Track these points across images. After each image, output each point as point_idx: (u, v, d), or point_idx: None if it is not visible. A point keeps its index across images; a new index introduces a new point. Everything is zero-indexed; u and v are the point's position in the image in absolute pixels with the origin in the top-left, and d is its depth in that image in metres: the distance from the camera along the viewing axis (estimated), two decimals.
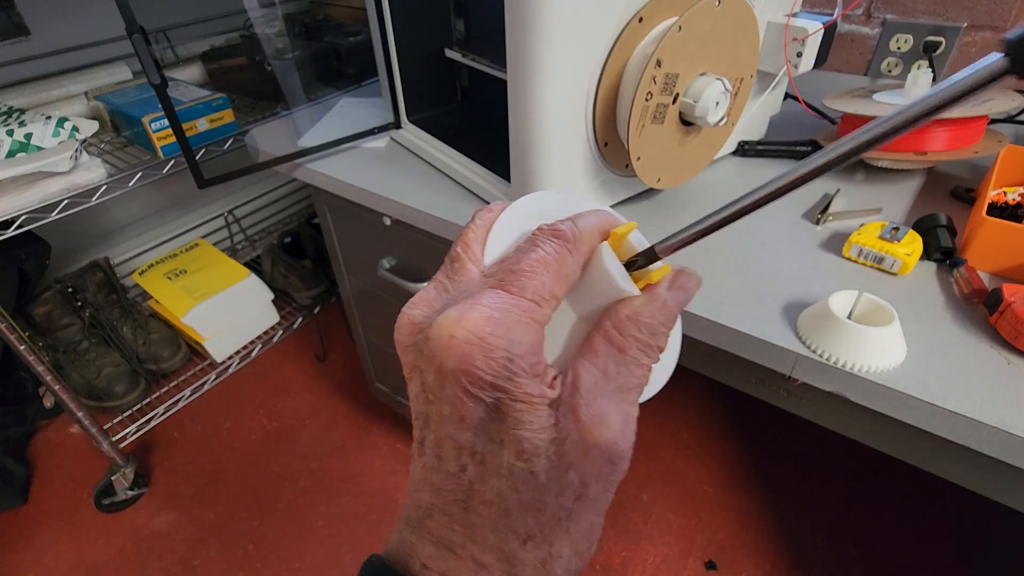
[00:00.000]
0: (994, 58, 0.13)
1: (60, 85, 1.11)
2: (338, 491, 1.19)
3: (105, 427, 1.13)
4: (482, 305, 0.18)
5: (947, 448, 0.45)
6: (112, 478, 1.14)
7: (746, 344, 0.50)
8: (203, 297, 1.30)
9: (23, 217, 0.87)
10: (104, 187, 0.93)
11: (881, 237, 0.54)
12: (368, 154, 0.83)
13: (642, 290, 0.21)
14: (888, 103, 0.66)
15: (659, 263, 0.21)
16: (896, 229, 0.54)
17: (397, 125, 0.83)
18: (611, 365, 0.19)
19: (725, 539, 1.07)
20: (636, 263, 0.21)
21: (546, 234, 0.20)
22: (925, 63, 0.85)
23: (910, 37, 0.86)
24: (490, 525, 0.18)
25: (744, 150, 0.76)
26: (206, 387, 1.33)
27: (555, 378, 0.19)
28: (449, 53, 0.79)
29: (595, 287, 0.21)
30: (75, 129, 0.90)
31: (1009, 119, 0.75)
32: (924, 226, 0.56)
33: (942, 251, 0.55)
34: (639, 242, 0.22)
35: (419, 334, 0.19)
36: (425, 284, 0.83)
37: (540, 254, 0.19)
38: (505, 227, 0.22)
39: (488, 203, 0.75)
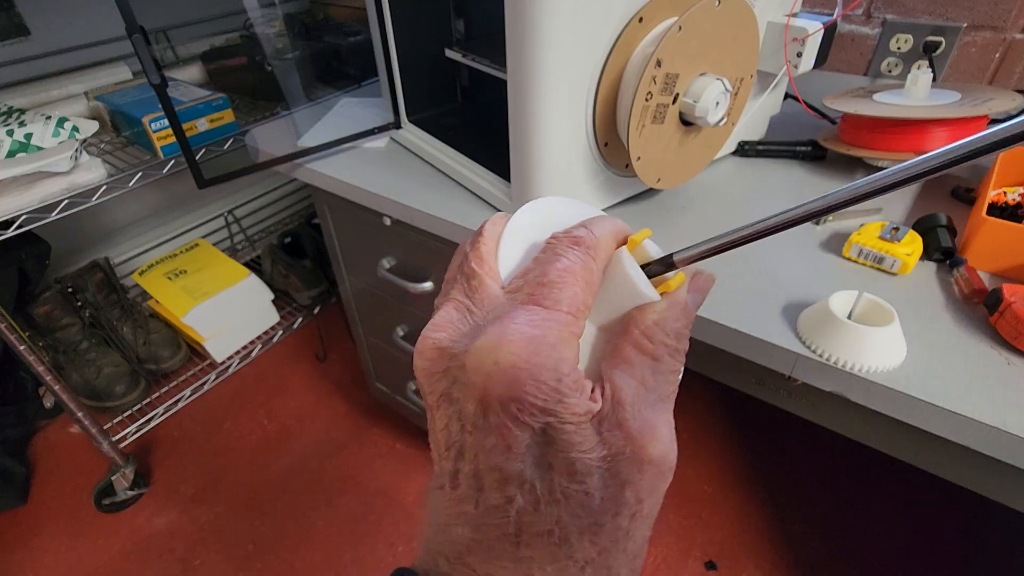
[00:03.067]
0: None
1: (60, 85, 1.11)
2: (338, 491, 1.19)
3: (105, 427, 1.13)
4: (521, 324, 0.17)
5: (947, 448, 0.45)
6: (112, 478, 1.14)
7: (746, 344, 0.50)
8: (203, 297, 1.30)
9: (23, 217, 0.87)
10: (104, 187, 0.93)
11: (881, 237, 0.54)
12: (368, 154, 0.83)
13: (661, 295, 0.20)
14: (888, 103, 0.66)
15: (674, 271, 0.21)
16: (896, 229, 0.54)
17: (397, 125, 0.83)
18: (648, 375, 0.19)
19: (725, 539, 1.07)
20: (651, 270, 0.21)
21: (565, 242, 0.19)
22: (925, 63, 0.85)
23: (910, 37, 0.86)
24: (546, 556, 0.17)
25: (744, 150, 0.76)
26: (206, 387, 1.34)
27: (593, 391, 0.18)
28: (449, 53, 0.79)
29: (615, 294, 0.20)
30: (75, 129, 0.90)
31: (1009, 119, 0.75)
32: (924, 226, 0.56)
33: (942, 251, 0.55)
34: (653, 249, 0.21)
35: (449, 360, 0.18)
36: (426, 283, 0.81)
37: (566, 263, 0.19)
38: (515, 237, 0.21)
39: (487, 202, 0.74)
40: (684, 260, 0.20)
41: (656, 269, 0.21)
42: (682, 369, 0.20)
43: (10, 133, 0.85)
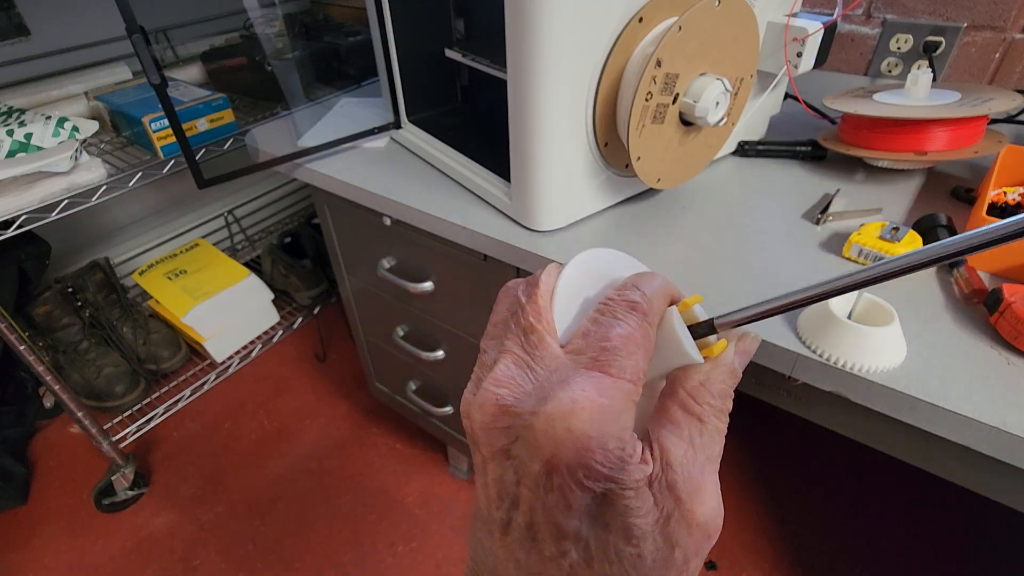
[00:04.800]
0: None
1: (60, 85, 1.11)
2: (338, 491, 1.19)
3: (105, 427, 1.13)
4: (590, 392, 0.18)
5: (947, 448, 0.45)
6: (112, 478, 1.14)
7: None
8: (203, 297, 1.30)
9: (23, 217, 0.87)
10: (104, 187, 0.93)
11: (881, 237, 0.54)
12: (368, 154, 0.83)
13: (704, 359, 0.21)
14: (888, 103, 0.66)
15: (717, 336, 0.21)
16: (896, 229, 0.54)
17: (397, 125, 0.83)
18: (696, 436, 0.19)
19: (725, 539, 1.07)
20: (696, 331, 0.21)
21: (623, 306, 0.20)
22: (925, 63, 0.85)
23: (910, 37, 0.86)
24: None
25: (744, 150, 0.76)
26: (206, 387, 1.33)
27: (644, 452, 0.19)
28: (449, 53, 0.79)
29: (663, 353, 0.21)
30: (75, 129, 0.90)
31: (1009, 119, 0.75)
32: (924, 226, 0.56)
33: None
34: (700, 312, 0.22)
35: (513, 418, 0.19)
36: (426, 283, 0.81)
37: (627, 329, 0.19)
38: (568, 291, 0.22)
39: (487, 202, 0.74)
40: (725, 324, 0.21)
41: (701, 331, 0.21)
42: (726, 429, 0.20)
43: (10, 133, 0.85)
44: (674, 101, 0.55)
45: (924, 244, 0.55)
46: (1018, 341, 0.45)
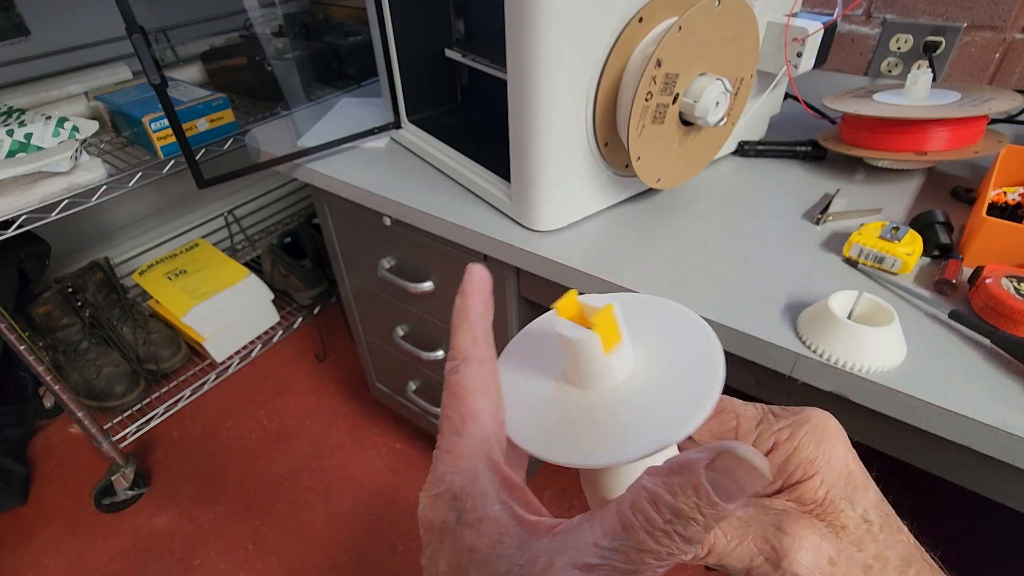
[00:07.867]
0: None
1: (60, 85, 1.11)
2: (338, 491, 1.19)
3: (105, 427, 1.13)
4: (427, 486, 0.19)
5: (947, 448, 0.45)
6: (112, 478, 1.14)
7: (746, 344, 0.50)
8: (203, 297, 1.30)
9: (23, 217, 0.87)
10: (104, 187, 0.93)
11: (881, 237, 0.54)
12: (368, 154, 0.83)
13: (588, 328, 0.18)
14: (888, 103, 0.66)
15: (605, 299, 0.18)
16: (896, 229, 0.54)
17: (397, 125, 0.83)
18: (603, 539, 0.14)
19: None
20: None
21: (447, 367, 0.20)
22: (925, 63, 0.85)
23: (910, 37, 0.86)
24: None
25: (744, 150, 0.76)
26: (206, 387, 1.33)
27: (559, 521, 0.16)
28: (449, 53, 0.79)
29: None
30: (75, 129, 0.90)
31: (1009, 119, 0.75)
32: (921, 223, 0.56)
33: (939, 247, 0.55)
34: (593, 299, 0.19)
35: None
36: (426, 283, 0.81)
37: (445, 397, 0.20)
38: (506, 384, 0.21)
39: (487, 202, 0.74)
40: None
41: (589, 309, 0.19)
42: (683, 558, 0.15)
43: (10, 133, 0.85)
44: (674, 101, 0.55)
45: (923, 242, 0.55)
46: (984, 312, 0.47)
